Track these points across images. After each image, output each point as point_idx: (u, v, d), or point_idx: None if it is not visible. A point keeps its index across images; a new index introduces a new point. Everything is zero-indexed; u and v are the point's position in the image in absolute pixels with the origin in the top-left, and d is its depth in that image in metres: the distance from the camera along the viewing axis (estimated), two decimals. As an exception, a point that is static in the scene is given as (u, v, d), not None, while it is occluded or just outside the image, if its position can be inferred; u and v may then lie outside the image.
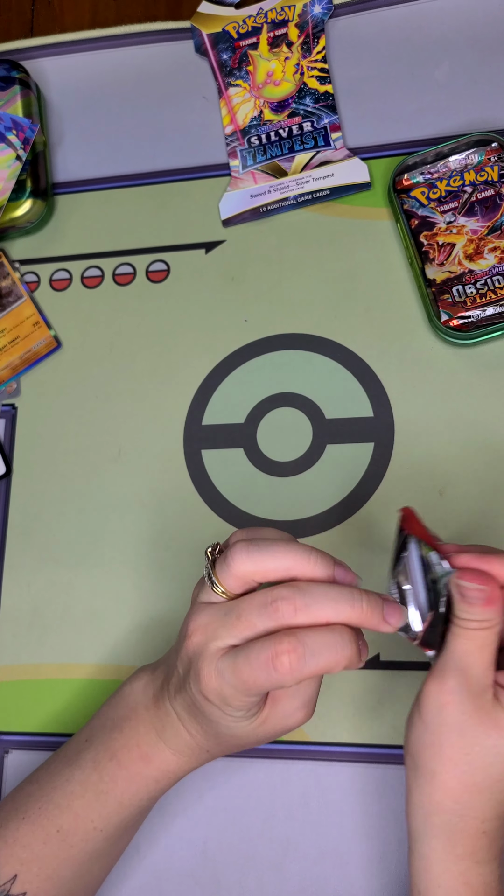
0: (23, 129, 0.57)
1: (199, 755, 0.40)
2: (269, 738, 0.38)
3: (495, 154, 0.53)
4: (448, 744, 0.35)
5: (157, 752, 0.39)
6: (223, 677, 0.34)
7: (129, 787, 0.40)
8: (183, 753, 0.39)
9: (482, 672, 0.35)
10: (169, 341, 0.56)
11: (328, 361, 0.54)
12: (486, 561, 0.35)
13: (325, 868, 0.45)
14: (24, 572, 0.54)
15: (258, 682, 0.34)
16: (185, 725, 0.39)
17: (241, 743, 0.38)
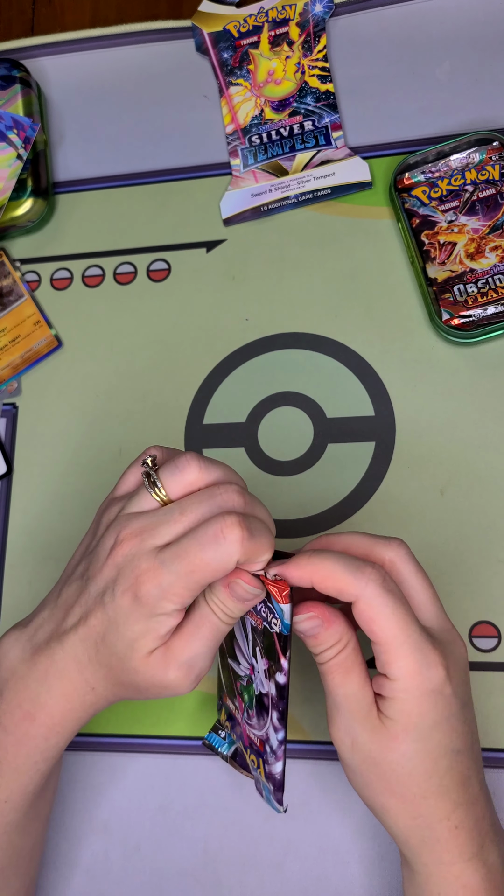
0: (24, 128, 0.57)
1: (85, 696, 0.37)
2: (153, 688, 0.36)
3: (496, 153, 0.53)
4: (373, 776, 0.35)
5: (39, 706, 0.37)
6: (165, 566, 0.34)
7: (19, 751, 0.38)
8: (68, 699, 0.37)
9: (358, 697, 0.35)
10: (170, 340, 0.56)
11: (329, 360, 0.54)
12: (299, 567, 0.35)
13: (326, 867, 0.45)
14: (24, 571, 0.54)
15: (205, 559, 0.33)
16: (74, 662, 0.37)
17: (131, 679, 0.36)
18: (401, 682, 0.34)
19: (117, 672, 0.36)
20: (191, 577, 0.34)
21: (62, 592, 0.38)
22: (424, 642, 0.34)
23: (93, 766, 0.49)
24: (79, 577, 0.38)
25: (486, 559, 0.48)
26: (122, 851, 0.48)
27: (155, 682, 0.36)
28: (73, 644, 0.36)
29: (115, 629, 0.35)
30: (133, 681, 0.36)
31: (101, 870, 0.48)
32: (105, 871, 0.47)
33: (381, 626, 0.34)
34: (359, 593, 0.34)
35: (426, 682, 0.34)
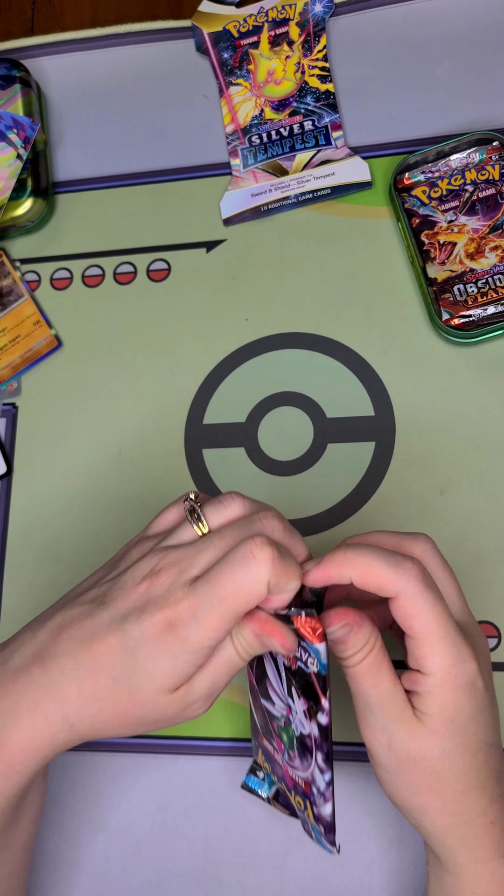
0: (23, 127, 0.57)
1: (58, 734, 0.33)
2: (166, 722, 0.34)
3: (496, 153, 0.53)
4: (412, 774, 0.35)
5: (1, 741, 0.33)
6: (199, 596, 0.32)
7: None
8: (37, 735, 0.33)
9: (391, 696, 0.34)
10: (170, 340, 0.56)
11: (329, 360, 0.53)
12: (329, 567, 0.34)
13: (326, 867, 0.45)
14: (24, 571, 0.54)
15: (237, 582, 0.31)
16: (55, 693, 0.32)
17: (140, 714, 0.33)
18: (437, 677, 0.34)
19: (123, 706, 0.33)
20: (224, 604, 0.32)
21: (55, 616, 0.35)
22: (458, 636, 0.34)
23: (93, 767, 0.49)
24: (86, 602, 0.35)
25: (486, 559, 0.48)
26: (122, 852, 0.48)
27: (170, 716, 0.34)
28: (60, 670, 0.33)
29: (134, 661, 0.32)
30: (141, 716, 0.33)
31: (101, 870, 0.48)
32: (105, 872, 0.47)
33: (421, 621, 0.33)
34: (400, 588, 0.33)
35: (461, 676, 0.34)
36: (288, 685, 0.36)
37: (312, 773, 0.36)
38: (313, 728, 0.35)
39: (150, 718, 0.34)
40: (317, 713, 0.34)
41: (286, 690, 0.36)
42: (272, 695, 0.37)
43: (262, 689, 0.38)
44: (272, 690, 0.37)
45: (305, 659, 0.34)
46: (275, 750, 0.39)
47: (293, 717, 0.36)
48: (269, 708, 0.38)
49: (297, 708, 0.35)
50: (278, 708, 0.37)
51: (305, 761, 0.36)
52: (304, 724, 0.35)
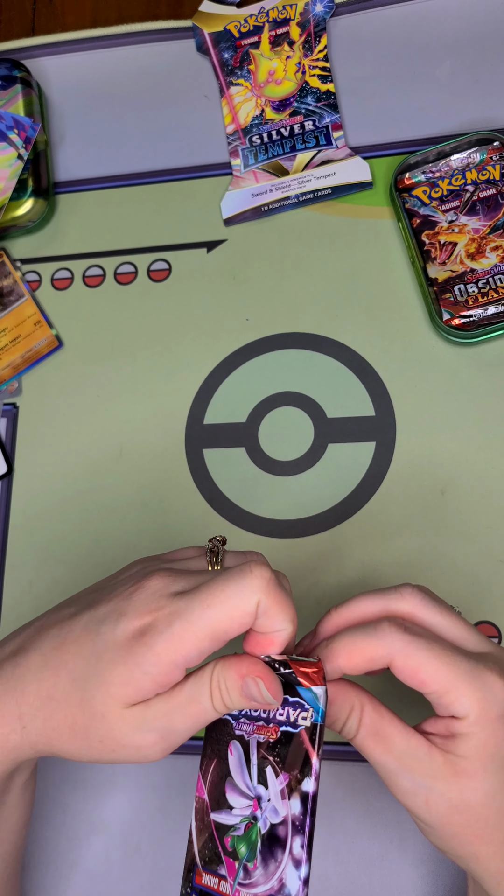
0: (24, 128, 0.57)
1: (10, 734, 0.32)
2: (116, 746, 0.31)
3: (497, 153, 0.53)
4: (458, 826, 0.32)
5: None
6: (182, 604, 0.30)
7: None
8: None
9: (412, 753, 0.32)
10: (170, 340, 0.56)
11: (330, 360, 0.53)
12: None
13: (327, 867, 0.45)
14: (25, 571, 0.54)
15: (227, 592, 0.29)
16: (16, 689, 0.32)
17: (92, 726, 0.31)
18: (471, 717, 0.31)
19: (73, 712, 0.31)
20: (205, 615, 0.29)
21: (44, 615, 0.35)
22: (475, 667, 0.32)
23: (93, 766, 0.49)
24: (75, 604, 0.34)
25: (487, 559, 0.48)
26: (122, 852, 0.48)
27: (122, 739, 0.31)
28: (27, 667, 0.32)
29: (96, 664, 0.31)
30: (88, 728, 0.31)
31: (102, 870, 0.48)
32: (105, 872, 0.47)
33: (427, 671, 0.31)
34: (387, 651, 0.32)
35: (494, 707, 0.31)
36: (259, 769, 0.32)
37: (281, 877, 0.31)
38: (292, 806, 0.31)
39: (98, 734, 0.31)
40: (300, 783, 0.31)
41: (255, 778, 0.32)
42: (231, 797, 0.33)
43: (216, 798, 0.34)
44: (232, 791, 0.33)
45: (295, 717, 0.31)
46: (220, 881, 0.33)
47: (261, 812, 0.32)
48: (223, 820, 0.33)
49: (270, 793, 0.32)
50: (237, 811, 0.33)
51: (272, 864, 0.31)
52: (277, 811, 0.31)
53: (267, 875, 0.31)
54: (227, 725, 0.33)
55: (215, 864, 0.33)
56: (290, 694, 0.31)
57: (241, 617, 0.30)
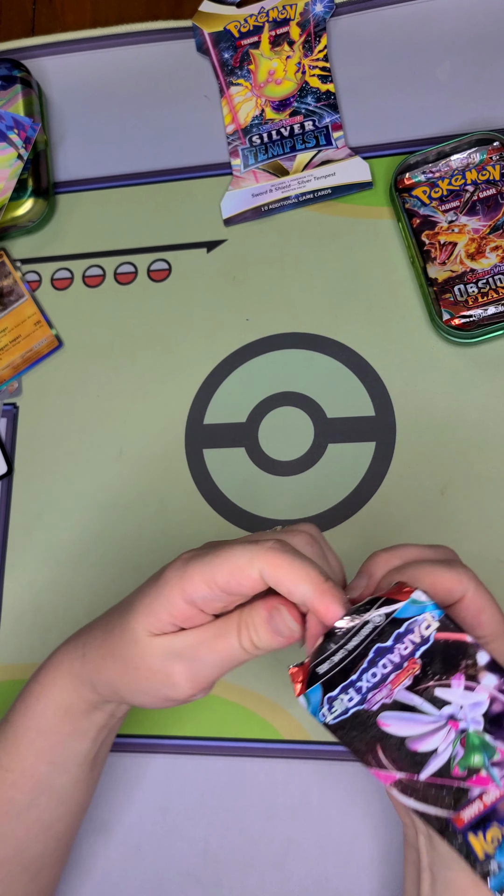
0: (24, 128, 0.57)
1: (74, 660, 0.38)
2: (149, 673, 0.35)
3: (497, 153, 0.53)
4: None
5: (43, 671, 0.40)
6: (200, 553, 0.34)
7: (18, 709, 0.40)
8: (67, 675, 0.38)
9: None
10: (170, 340, 0.56)
11: (330, 360, 0.54)
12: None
13: (327, 867, 0.45)
14: (25, 571, 0.54)
15: (232, 554, 0.32)
16: (84, 642, 0.38)
17: (128, 652, 0.35)
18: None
19: (115, 639, 0.36)
20: (210, 565, 0.33)
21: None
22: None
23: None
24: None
25: (487, 559, 0.48)
26: (122, 852, 0.48)
27: (152, 665, 0.35)
28: (112, 610, 0.38)
29: (134, 597, 0.36)
30: (126, 656, 0.35)
31: (102, 870, 0.48)
32: (105, 872, 0.47)
33: (489, 615, 0.33)
34: (464, 587, 0.33)
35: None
36: (430, 699, 0.32)
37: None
38: (486, 682, 0.32)
39: (133, 660, 0.35)
40: (476, 665, 0.31)
41: (433, 709, 0.32)
42: (425, 744, 0.33)
43: (411, 763, 0.32)
44: (421, 741, 0.33)
45: (418, 636, 0.32)
46: (482, 797, 0.32)
47: (465, 720, 0.32)
48: (436, 766, 0.32)
49: (458, 701, 0.32)
50: (442, 746, 0.32)
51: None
52: (477, 703, 0.32)
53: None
54: (359, 717, 0.32)
55: (465, 796, 0.32)
56: (396, 627, 0.32)
57: (243, 577, 0.32)
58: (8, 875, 0.40)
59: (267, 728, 0.48)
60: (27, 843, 0.40)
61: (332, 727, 0.32)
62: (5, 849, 0.40)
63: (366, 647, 0.32)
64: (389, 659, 0.32)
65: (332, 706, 0.32)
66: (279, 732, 0.48)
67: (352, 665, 0.32)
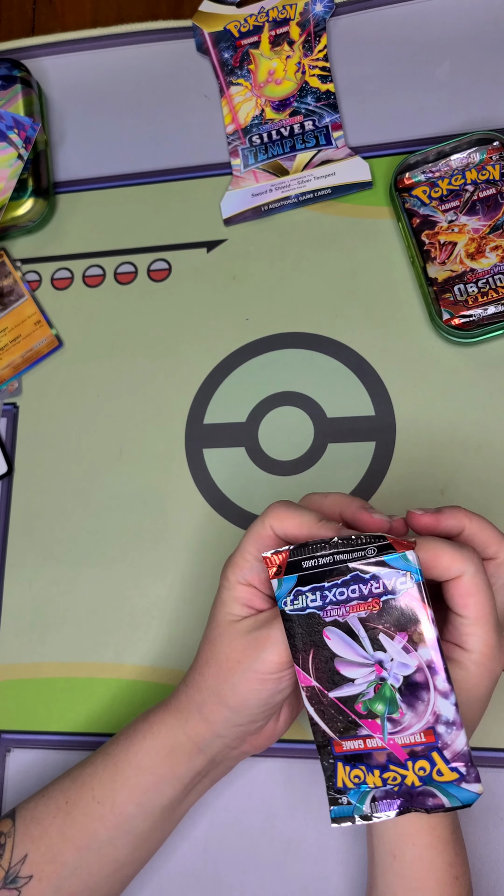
0: (24, 127, 0.57)
1: (187, 710, 0.40)
2: (247, 664, 0.37)
3: (497, 153, 0.53)
4: None
5: (154, 711, 0.41)
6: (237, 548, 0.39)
7: (122, 745, 0.41)
8: (174, 710, 0.40)
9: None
10: (170, 340, 0.56)
11: (330, 360, 0.54)
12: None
13: (327, 867, 0.45)
14: (25, 571, 0.54)
15: (253, 525, 0.38)
16: (186, 678, 0.41)
17: (223, 653, 0.38)
18: (475, 655, 0.35)
19: (209, 634, 0.39)
20: (242, 542, 0.38)
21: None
22: (500, 628, 0.36)
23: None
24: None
25: (487, 559, 0.48)
26: (122, 851, 0.48)
27: (238, 647, 0.37)
28: (195, 684, 0.40)
29: (213, 606, 0.40)
30: (215, 646, 0.38)
31: (102, 869, 0.48)
32: (105, 871, 0.47)
33: (478, 600, 0.35)
34: (464, 569, 0.35)
35: (492, 662, 0.36)
36: (372, 638, 0.35)
37: (434, 710, 0.35)
38: (422, 653, 0.34)
39: (225, 653, 0.38)
40: (422, 633, 0.34)
41: (370, 646, 0.35)
42: (348, 670, 0.36)
43: (328, 679, 0.36)
44: (347, 666, 0.36)
45: (392, 585, 0.35)
46: (366, 739, 0.36)
47: (388, 671, 0.35)
48: (346, 693, 0.36)
49: (392, 653, 0.35)
50: (360, 680, 0.36)
51: (421, 704, 0.35)
52: (406, 664, 0.35)
53: (418, 715, 0.35)
54: (312, 618, 0.36)
55: (353, 730, 0.36)
56: (380, 567, 0.35)
57: (264, 539, 0.38)
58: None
59: (267, 728, 0.48)
60: (98, 882, 0.41)
61: (286, 615, 0.36)
62: (77, 882, 0.40)
63: (348, 568, 0.35)
64: (360, 588, 0.35)
65: (297, 599, 0.36)
66: (279, 732, 0.48)
67: (329, 574, 0.35)
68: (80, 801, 0.40)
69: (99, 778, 0.40)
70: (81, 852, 0.40)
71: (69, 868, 0.40)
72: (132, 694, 0.50)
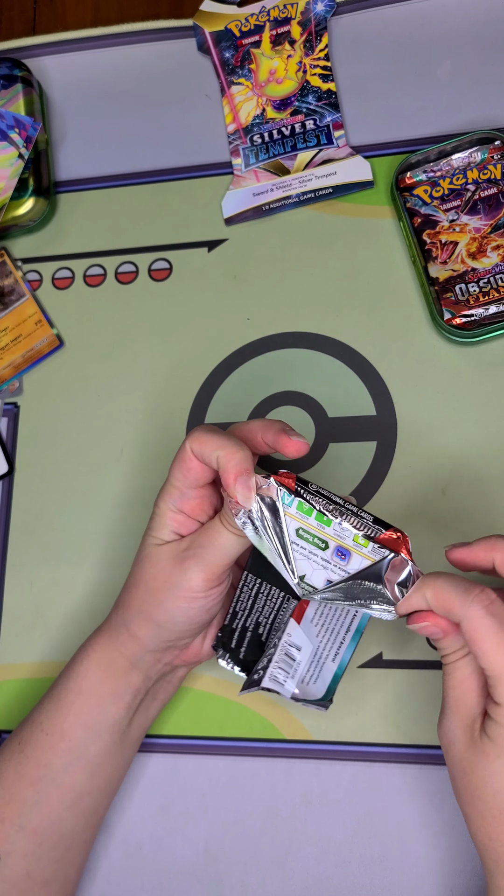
0: (25, 127, 0.57)
1: (115, 629, 0.42)
2: (166, 580, 0.40)
3: (498, 152, 0.53)
4: (461, 784, 0.36)
5: (87, 640, 0.43)
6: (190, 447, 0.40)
7: (63, 674, 0.43)
8: (105, 632, 0.43)
9: (469, 706, 0.36)
10: (171, 340, 0.56)
11: (331, 360, 0.53)
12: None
13: (328, 867, 0.45)
14: (26, 571, 0.54)
15: (182, 452, 0.40)
16: (116, 603, 0.43)
17: (145, 571, 0.41)
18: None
19: (135, 567, 0.41)
20: (171, 468, 0.40)
21: None
22: None
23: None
24: None
25: (488, 559, 0.48)
26: (123, 851, 0.48)
27: (165, 568, 0.40)
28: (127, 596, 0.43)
29: (145, 532, 0.42)
30: (148, 573, 0.40)
31: (103, 869, 0.48)
32: (106, 871, 0.47)
33: (485, 648, 0.34)
34: (463, 613, 0.34)
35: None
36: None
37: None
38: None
39: (151, 574, 0.40)
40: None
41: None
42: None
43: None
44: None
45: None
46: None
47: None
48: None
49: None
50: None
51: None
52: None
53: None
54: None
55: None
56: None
57: (186, 462, 0.40)
58: (38, 848, 0.41)
59: (268, 727, 0.48)
60: (60, 814, 0.41)
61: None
62: (39, 817, 0.41)
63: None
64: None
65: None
66: (280, 732, 0.48)
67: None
68: (31, 738, 0.42)
69: (45, 711, 0.42)
70: (37, 786, 0.41)
71: (28, 804, 0.41)
72: (133, 694, 0.50)
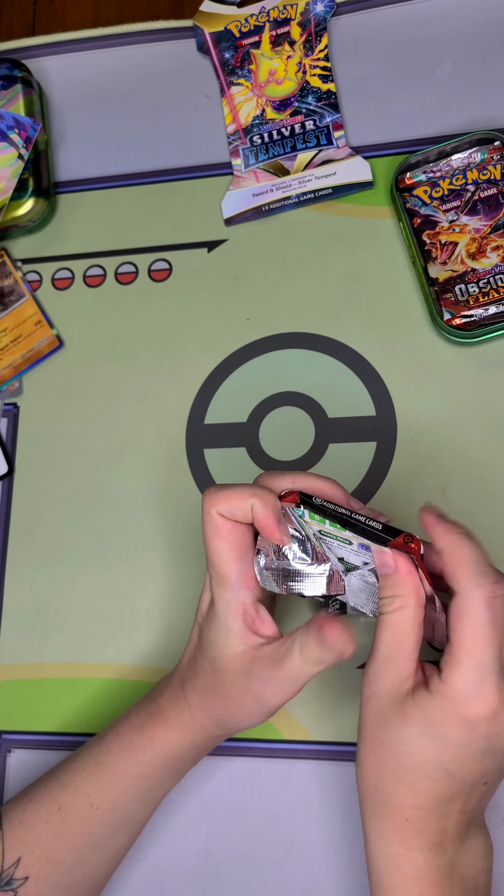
0: (25, 127, 0.57)
1: (182, 713, 0.40)
2: (238, 674, 0.38)
3: (498, 153, 0.53)
4: (369, 732, 0.36)
5: (151, 724, 0.40)
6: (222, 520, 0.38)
7: (121, 757, 0.40)
8: (178, 728, 0.40)
9: (403, 665, 0.35)
10: (171, 340, 0.56)
11: (331, 360, 0.53)
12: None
13: (328, 867, 0.45)
14: (26, 571, 0.54)
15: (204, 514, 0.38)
16: (179, 676, 0.41)
17: (216, 661, 0.38)
18: (446, 688, 0.33)
19: (222, 681, 0.38)
20: (209, 539, 0.38)
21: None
22: (492, 674, 0.33)
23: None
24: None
25: (488, 559, 0.48)
26: (123, 851, 0.48)
27: (253, 699, 0.37)
28: (188, 670, 0.41)
29: (211, 627, 0.39)
30: (228, 693, 0.38)
31: (103, 870, 0.48)
32: (106, 871, 0.47)
33: (463, 631, 0.33)
34: (465, 590, 0.33)
35: (464, 706, 0.33)
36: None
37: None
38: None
39: (228, 689, 0.38)
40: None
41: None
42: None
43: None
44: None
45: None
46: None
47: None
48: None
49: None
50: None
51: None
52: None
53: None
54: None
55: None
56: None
57: (219, 528, 0.38)
58: (66, 893, 0.41)
59: (268, 728, 0.48)
60: (96, 872, 0.42)
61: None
62: (76, 876, 0.41)
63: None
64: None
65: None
66: (280, 732, 0.48)
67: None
68: (76, 807, 0.40)
69: (94, 786, 0.40)
70: (81, 850, 0.40)
71: (67, 866, 0.40)
72: (133, 694, 0.50)
